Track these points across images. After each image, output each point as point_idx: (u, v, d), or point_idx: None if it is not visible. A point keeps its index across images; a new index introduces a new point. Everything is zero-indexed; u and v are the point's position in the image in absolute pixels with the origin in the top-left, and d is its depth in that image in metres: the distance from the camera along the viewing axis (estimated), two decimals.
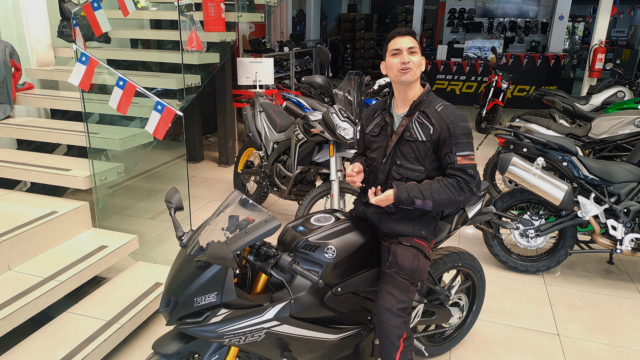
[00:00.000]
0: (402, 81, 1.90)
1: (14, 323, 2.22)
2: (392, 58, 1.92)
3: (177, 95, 3.83)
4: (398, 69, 1.89)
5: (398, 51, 1.89)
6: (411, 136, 1.91)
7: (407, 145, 1.92)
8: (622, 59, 12.73)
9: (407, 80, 1.89)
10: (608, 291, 3.29)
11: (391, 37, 1.95)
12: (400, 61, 1.88)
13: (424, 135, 1.89)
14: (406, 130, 1.92)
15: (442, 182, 1.86)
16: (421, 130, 1.90)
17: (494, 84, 7.53)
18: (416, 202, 1.84)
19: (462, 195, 1.85)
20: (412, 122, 1.92)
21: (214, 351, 1.63)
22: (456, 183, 1.85)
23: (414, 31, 1.94)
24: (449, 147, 1.86)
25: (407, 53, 1.88)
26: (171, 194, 1.77)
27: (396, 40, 1.92)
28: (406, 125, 1.92)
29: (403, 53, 1.88)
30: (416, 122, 1.91)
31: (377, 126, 2.04)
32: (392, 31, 1.96)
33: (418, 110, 1.92)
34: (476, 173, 1.89)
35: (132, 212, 4.25)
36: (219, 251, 1.39)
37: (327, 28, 13.71)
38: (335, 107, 3.40)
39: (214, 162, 5.99)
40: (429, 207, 1.85)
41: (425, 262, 1.94)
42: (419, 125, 1.90)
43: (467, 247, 3.82)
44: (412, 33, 1.93)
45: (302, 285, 1.72)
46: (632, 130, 4.17)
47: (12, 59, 3.60)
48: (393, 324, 1.82)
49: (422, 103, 1.93)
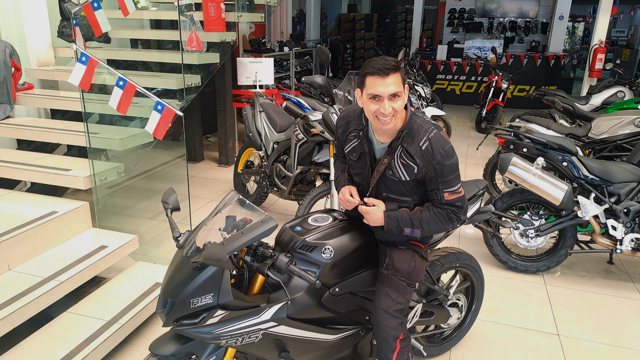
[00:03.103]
0: (381, 129, 1.71)
1: (14, 323, 2.23)
2: (370, 102, 1.63)
3: (177, 95, 3.83)
4: (375, 117, 1.65)
5: (378, 97, 1.60)
6: (394, 175, 1.77)
7: (392, 181, 1.80)
8: (622, 59, 12.71)
9: (385, 130, 1.70)
10: (608, 291, 3.29)
11: (369, 74, 1.59)
12: (380, 110, 1.61)
13: (408, 175, 1.75)
14: (388, 168, 1.77)
15: (432, 211, 1.79)
16: (405, 171, 1.74)
17: (494, 84, 7.53)
18: (405, 231, 1.80)
19: (450, 224, 1.82)
20: (394, 159, 1.75)
21: (211, 352, 1.62)
22: (446, 214, 1.79)
23: (397, 64, 1.60)
24: (436, 185, 1.75)
25: (388, 100, 1.59)
26: (167, 195, 1.77)
27: (376, 81, 1.58)
28: (388, 164, 1.77)
29: (384, 101, 1.59)
30: (399, 161, 1.74)
31: (356, 151, 1.86)
32: (371, 65, 1.59)
33: (401, 145, 1.73)
34: (464, 202, 1.81)
35: (132, 212, 4.25)
36: (214, 252, 1.39)
37: (327, 28, 13.71)
38: (335, 107, 3.40)
39: (214, 162, 5.99)
40: (416, 235, 1.82)
41: (422, 263, 1.94)
42: (403, 165, 1.74)
43: (467, 247, 3.82)
44: (396, 68, 1.58)
45: (300, 286, 1.71)
46: (632, 130, 4.17)
47: (12, 59, 3.61)
48: (390, 325, 1.82)
49: (404, 138, 1.72)
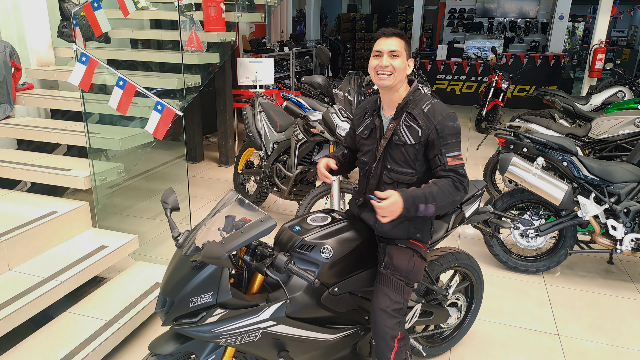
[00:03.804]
0: (379, 85, 1.85)
1: (14, 323, 2.23)
2: (373, 59, 1.85)
3: (177, 95, 3.83)
4: (375, 72, 1.82)
5: (379, 53, 1.82)
6: (400, 140, 1.84)
7: (397, 149, 1.86)
8: (622, 59, 12.70)
9: (383, 86, 1.83)
10: (608, 291, 3.29)
11: (377, 37, 1.86)
12: (378, 64, 1.81)
13: (413, 138, 1.82)
14: (394, 134, 1.86)
15: (438, 184, 1.78)
16: (409, 134, 1.83)
17: (494, 84, 7.53)
18: (420, 208, 1.74)
19: (458, 195, 1.80)
20: (399, 125, 1.85)
21: (210, 351, 1.63)
22: (452, 182, 1.79)
23: (401, 32, 1.84)
24: (438, 149, 1.79)
25: (387, 56, 1.80)
26: (167, 195, 1.77)
27: (380, 41, 1.83)
28: (394, 129, 1.86)
29: (383, 56, 1.80)
30: (404, 125, 1.84)
31: (367, 129, 1.98)
32: (379, 30, 1.87)
33: (405, 112, 1.85)
34: (465, 172, 1.83)
35: (132, 212, 4.26)
36: (213, 251, 1.39)
37: (327, 28, 13.71)
38: (335, 107, 3.40)
39: (214, 162, 5.99)
40: (430, 212, 1.76)
41: (421, 262, 1.94)
42: (407, 128, 1.83)
43: (467, 247, 3.82)
44: (399, 34, 1.83)
45: (299, 285, 1.71)
46: (632, 130, 4.17)
47: (12, 59, 3.61)
48: (388, 324, 1.82)
49: (408, 104, 1.86)
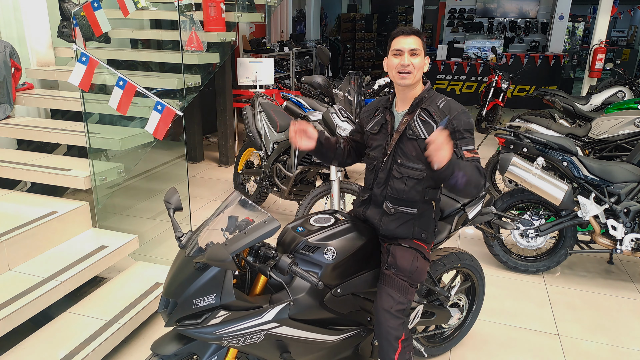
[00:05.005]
0: (400, 84, 1.87)
1: (14, 323, 2.22)
2: (393, 58, 1.87)
3: (177, 95, 3.82)
4: (397, 71, 1.86)
5: (399, 52, 1.85)
6: (413, 134, 1.87)
7: (409, 143, 1.88)
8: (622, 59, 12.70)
9: (404, 84, 1.86)
10: (608, 291, 3.29)
11: (395, 35, 1.89)
12: (400, 63, 1.84)
13: (427, 132, 1.84)
14: (408, 128, 1.88)
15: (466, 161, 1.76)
16: (424, 128, 1.85)
17: (494, 84, 7.53)
18: (454, 174, 1.64)
19: (482, 180, 1.75)
20: (414, 119, 1.88)
21: (213, 352, 1.62)
22: (475, 167, 1.75)
23: (419, 31, 1.88)
24: (454, 142, 1.79)
25: (408, 55, 1.84)
26: (170, 195, 1.76)
27: (399, 39, 1.86)
28: (408, 123, 1.88)
29: (404, 54, 1.84)
30: (418, 119, 1.87)
31: (377, 124, 2.00)
32: (397, 29, 1.90)
33: (420, 108, 1.89)
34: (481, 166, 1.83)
35: (132, 212, 4.25)
36: (217, 253, 1.39)
37: (327, 28, 13.71)
38: (335, 107, 3.40)
39: (214, 162, 5.99)
40: (461, 182, 1.66)
41: (424, 263, 1.94)
42: (422, 122, 1.86)
43: (467, 247, 3.82)
44: (418, 33, 1.87)
45: (302, 287, 1.71)
46: (632, 130, 4.17)
47: (12, 59, 3.60)
48: (391, 325, 1.82)
49: (423, 100, 1.89)
